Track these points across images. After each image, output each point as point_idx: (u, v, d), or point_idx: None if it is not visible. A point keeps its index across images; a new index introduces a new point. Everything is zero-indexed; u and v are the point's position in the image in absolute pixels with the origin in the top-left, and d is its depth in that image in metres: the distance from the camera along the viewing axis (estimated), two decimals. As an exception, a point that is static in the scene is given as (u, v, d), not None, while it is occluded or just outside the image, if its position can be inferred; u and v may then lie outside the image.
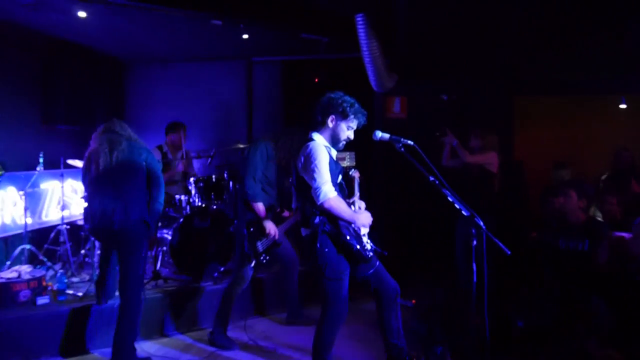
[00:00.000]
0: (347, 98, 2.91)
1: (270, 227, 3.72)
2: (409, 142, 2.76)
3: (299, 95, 6.14)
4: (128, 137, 3.49)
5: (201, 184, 4.90)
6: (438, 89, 5.77)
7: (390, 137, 2.80)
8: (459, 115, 5.57)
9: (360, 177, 3.62)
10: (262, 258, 3.73)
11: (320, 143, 2.87)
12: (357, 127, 2.97)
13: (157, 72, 6.57)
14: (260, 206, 3.70)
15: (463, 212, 2.53)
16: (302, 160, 2.81)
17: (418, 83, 5.74)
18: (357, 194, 3.27)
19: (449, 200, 2.55)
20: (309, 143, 2.85)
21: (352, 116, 2.89)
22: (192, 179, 4.93)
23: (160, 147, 5.58)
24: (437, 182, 2.61)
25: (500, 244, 2.42)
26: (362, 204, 3.20)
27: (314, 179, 2.75)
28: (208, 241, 4.78)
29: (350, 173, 3.63)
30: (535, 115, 6.35)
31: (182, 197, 5.01)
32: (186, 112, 6.27)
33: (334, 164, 2.87)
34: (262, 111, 6.39)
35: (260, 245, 3.71)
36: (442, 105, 5.73)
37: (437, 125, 5.01)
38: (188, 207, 4.93)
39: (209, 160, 5.15)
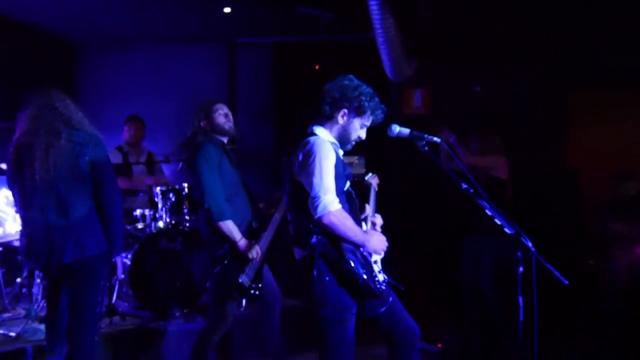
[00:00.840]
0: (365, 89, 2.92)
1: (250, 249, 3.62)
2: (435, 139, 2.76)
3: (294, 85, 6.15)
4: (68, 120, 3.15)
5: (171, 195, 4.93)
6: (470, 78, 5.79)
7: (411, 133, 2.81)
8: (496, 112, 5.57)
9: (376, 184, 3.63)
10: (252, 291, 3.66)
11: (324, 139, 2.86)
12: (372, 125, 3.00)
13: (116, 56, 6.58)
14: (228, 225, 3.57)
15: (506, 230, 2.51)
16: (300, 158, 2.79)
17: (444, 71, 5.77)
18: (372, 207, 3.26)
19: (486, 214, 2.54)
20: (309, 138, 2.83)
21: (369, 112, 2.91)
22: (158, 189, 4.98)
23: (119, 148, 5.60)
24: (471, 190, 2.61)
25: (555, 271, 2.41)
26: (378, 221, 3.18)
27: (312, 185, 2.71)
28: (178, 267, 4.82)
29: (367, 178, 3.66)
30: (594, 113, 6.28)
31: (146, 212, 5.06)
32: (153, 106, 6.26)
33: (341, 167, 2.85)
34: (248, 105, 6.38)
35: (245, 278, 3.63)
36: (475, 99, 5.75)
37: (467, 124, 5.04)
38: (153, 224, 4.97)
39: (180, 165, 5.05)
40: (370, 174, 3.70)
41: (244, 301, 3.66)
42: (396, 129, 2.85)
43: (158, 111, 6.23)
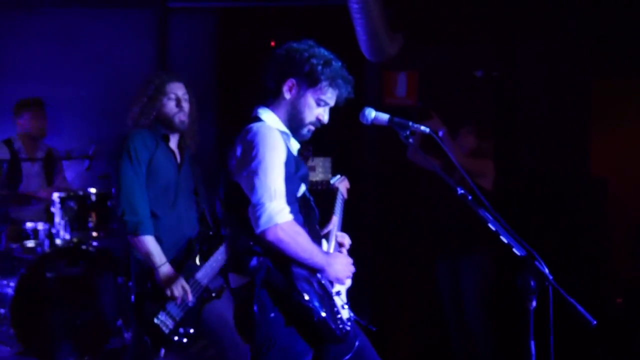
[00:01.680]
0: (320, 51, 2.91)
1: (172, 283, 3.57)
2: (423, 128, 2.76)
3: (243, 63, 6.01)
4: None
5: (72, 204, 4.90)
6: (470, 60, 5.74)
7: (390, 120, 2.83)
8: (502, 103, 5.56)
9: (345, 190, 3.70)
10: (176, 339, 3.58)
11: (271, 126, 2.85)
12: (337, 104, 2.97)
13: (12, 22, 6.40)
14: (146, 243, 3.56)
15: (515, 251, 2.44)
16: (239, 153, 2.77)
17: (437, 50, 5.74)
18: (337, 220, 3.30)
19: (490, 230, 2.51)
20: (252, 125, 2.82)
21: (325, 82, 2.87)
22: (56, 195, 4.95)
23: (8, 142, 5.53)
24: (469, 197, 2.58)
25: (580, 307, 2.34)
26: (346, 241, 3.20)
27: (255, 189, 2.68)
28: (79, 300, 4.78)
29: (332, 182, 3.73)
30: (627, 107, 6.32)
31: (40, 226, 5.07)
32: (57, 87, 6.15)
33: (293, 164, 2.85)
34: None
35: (165, 319, 3.56)
36: (476, 86, 5.69)
37: (464, 119, 5.07)
38: (47, 243, 4.93)
39: (86, 165, 5.16)
40: (337, 176, 3.75)
41: (162, 351, 3.66)
42: (371, 113, 2.85)
43: (64, 94, 6.15)
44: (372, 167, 5.82)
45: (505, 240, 2.45)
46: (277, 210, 2.65)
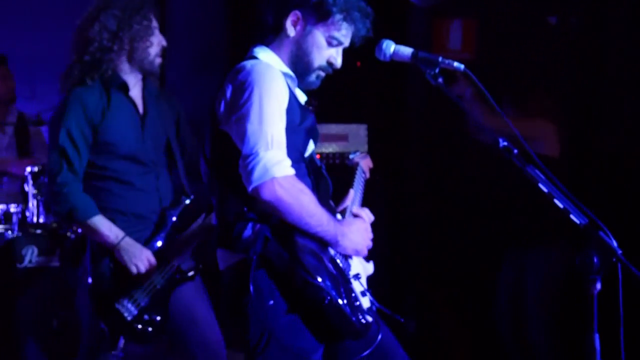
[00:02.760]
0: None
1: (135, 257, 3.68)
2: (457, 64, 2.72)
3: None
4: None
5: (47, 180, 4.83)
6: (543, 5, 5.67)
7: (414, 55, 2.81)
8: (583, 59, 5.49)
9: (367, 169, 3.81)
10: (139, 327, 3.67)
11: (269, 64, 2.90)
12: (351, 43, 3.00)
13: None
14: (92, 225, 3.67)
15: (573, 219, 2.45)
16: (228, 94, 2.82)
17: None
18: (356, 197, 3.36)
19: (551, 201, 2.50)
20: (245, 62, 2.87)
21: (338, 16, 2.90)
22: (29, 169, 5.02)
23: None
24: (515, 151, 2.60)
25: None
26: (363, 213, 3.20)
27: (246, 135, 2.70)
28: (55, 295, 4.84)
29: (351, 157, 3.86)
30: None
31: (12, 208, 5.12)
32: (27, 40, 6.34)
33: (298, 112, 2.88)
34: (186, 46, 6.33)
35: (128, 305, 3.69)
36: (549, 37, 5.65)
37: (535, 79, 5.11)
38: (17, 227, 4.98)
39: None
40: (357, 152, 3.90)
41: (120, 341, 3.68)
42: (390, 47, 2.83)
43: (36, 48, 6.33)
44: (418, 139, 5.85)
45: (560, 205, 2.44)
46: (274, 161, 2.65)
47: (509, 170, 3.16)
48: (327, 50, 2.92)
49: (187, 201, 3.85)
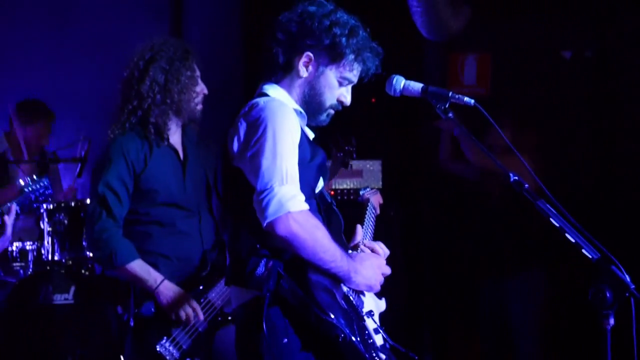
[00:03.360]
0: (342, 16, 2.93)
1: (178, 303, 3.66)
2: (467, 99, 2.74)
3: None
4: None
5: (61, 217, 4.91)
6: (555, 38, 5.73)
7: (424, 90, 2.82)
8: (596, 91, 5.56)
9: (378, 205, 3.79)
10: None
11: (281, 100, 2.89)
12: (359, 80, 3.00)
13: None
14: (130, 270, 3.67)
15: (586, 253, 2.43)
16: (242, 132, 2.79)
17: (514, 25, 5.74)
18: (367, 232, 3.35)
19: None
20: (257, 99, 2.85)
21: (350, 57, 2.90)
22: (43, 206, 4.96)
23: None
24: (526, 185, 2.59)
25: None
26: (377, 247, 3.18)
27: (260, 172, 2.66)
28: (71, 334, 4.77)
29: (362, 194, 3.86)
30: None
31: (28, 245, 5.10)
32: (50, 78, 6.29)
33: (308, 148, 2.86)
34: (201, 74, 6.28)
35: (170, 347, 3.65)
36: (564, 71, 5.69)
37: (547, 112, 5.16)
38: (32, 265, 4.97)
39: (77, 168, 5.22)
40: (367, 189, 3.91)
41: None
42: (400, 82, 2.83)
43: (58, 86, 6.24)
44: (431, 174, 5.81)
45: (572, 239, 2.43)
46: (289, 196, 2.62)
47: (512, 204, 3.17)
48: (339, 89, 2.92)
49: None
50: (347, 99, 2.94)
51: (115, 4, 6.54)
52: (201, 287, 3.76)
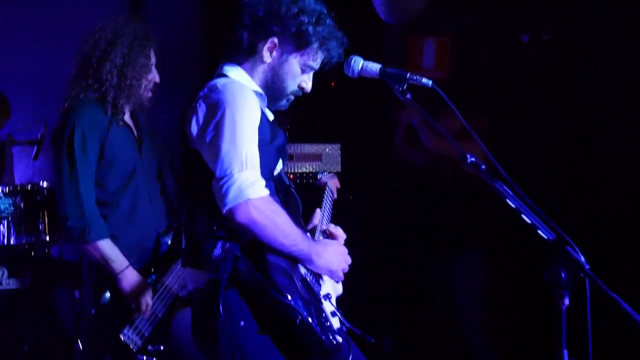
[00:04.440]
0: (308, 3, 2.95)
1: (138, 292, 3.66)
2: (425, 80, 2.73)
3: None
4: None
5: (17, 201, 4.87)
6: (513, 21, 5.74)
7: (382, 71, 2.83)
8: (554, 75, 5.55)
9: (335, 189, 3.86)
10: (144, 358, 3.71)
11: (241, 82, 2.91)
12: (321, 68, 3.04)
13: None
14: (101, 249, 3.66)
15: (541, 234, 2.45)
16: (200, 113, 2.80)
17: (473, 9, 5.72)
18: (325, 216, 3.38)
19: (518, 216, 2.51)
20: (216, 80, 2.87)
21: (316, 45, 2.94)
22: None
23: None
24: (483, 167, 2.64)
25: (626, 305, 2.28)
26: (338, 231, 3.24)
27: (220, 156, 2.67)
28: (27, 320, 4.77)
29: (320, 177, 3.96)
30: None
31: None
32: (4, 57, 6.18)
33: (268, 129, 2.88)
34: (160, 56, 6.22)
35: (132, 335, 3.67)
36: (521, 54, 5.69)
37: (504, 99, 5.18)
38: None
39: (33, 151, 5.18)
40: (325, 173, 4.01)
41: None
42: (358, 63, 2.83)
43: (13, 66, 6.17)
44: (391, 157, 5.82)
45: (528, 220, 2.44)
46: (249, 183, 2.62)
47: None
48: (301, 77, 2.95)
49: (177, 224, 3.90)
50: (308, 86, 2.98)
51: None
52: (156, 272, 3.78)
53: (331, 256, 2.87)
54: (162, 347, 3.70)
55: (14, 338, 4.69)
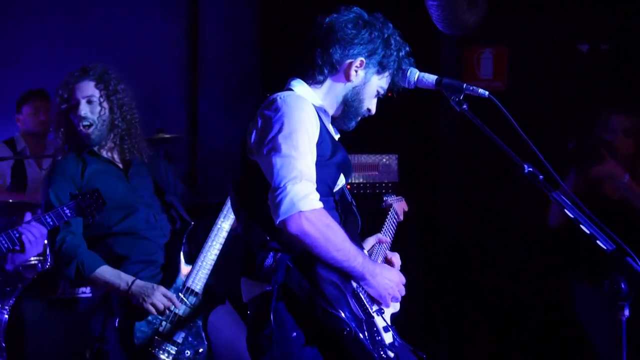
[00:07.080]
0: (394, 31, 2.98)
1: (149, 296, 3.70)
2: (482, 91, 2.73)
3: (293, 40, 6.06)
4: None
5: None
6: (572, 31, 5.71)
7: (439, 81, 2.83)
8: (614, 85, 5.53)
9: (402, 212, 3.88)
10: (166, 356, 3.73)
11: (301, 96, 2.89)
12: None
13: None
14: (99, 277, 3.71)
15: (600, 244, 2.43)
16: (260, 126, 2.80)
17: (530, 19, 5.73)
18: (386, 235, 3.40)
19: (579, 225, 2.49)
20: (277, 94, 2.85)
21: (392, 70, 2.97)
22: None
23: (10, 142, 5.69)
24: (541, 177, 2.57)
25: None
26: (395, 259, 3.22)
27: (275, 169, 2.66)
28: (89, 328, 4.66)
29: (386, 199, 3.90)
30: None
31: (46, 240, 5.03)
32: (60, 74, 6.08)
33: (329, 145, 2.87)
34: (218, 73, 6.32)
35: (145, 328, 3.72)
36: (581, 64, 5.65)
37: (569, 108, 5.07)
38: (39, 265, 5.02)
39: None
40: (392, 196, 3.93)
41: None
42: (415, 74, 2.87)
43: None
44: (449, 168, 5.84)
45: (587, 231, 2.42)
46: (302, 195, 2.62)
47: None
48: (373, 100, 2.98)
49: (192, 224, 3.94)
50: (374, 109, 2.99)
51: (131, 2, 6.50)
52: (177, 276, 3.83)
53: (386, 281, 2.84)
54: (201, 350, 3.74)
55: (74, 347, 4.64)
